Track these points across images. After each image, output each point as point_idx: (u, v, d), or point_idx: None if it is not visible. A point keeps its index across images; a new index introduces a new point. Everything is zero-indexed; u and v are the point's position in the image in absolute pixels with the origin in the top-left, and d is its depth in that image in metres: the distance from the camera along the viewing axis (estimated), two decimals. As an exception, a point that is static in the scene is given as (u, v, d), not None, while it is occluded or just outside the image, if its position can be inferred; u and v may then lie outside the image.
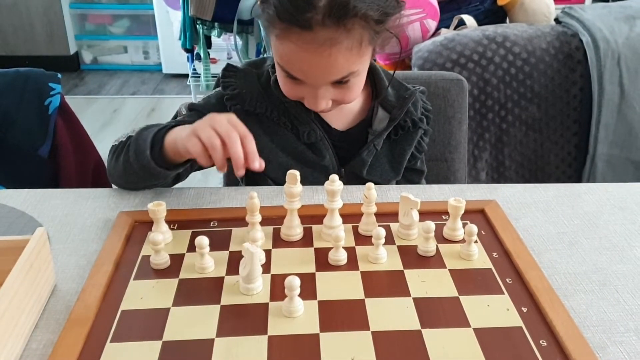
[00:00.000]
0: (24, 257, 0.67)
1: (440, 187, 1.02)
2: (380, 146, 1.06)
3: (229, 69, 1.05)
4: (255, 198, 0.82)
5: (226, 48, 3.62)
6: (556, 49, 1.77)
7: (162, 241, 0.78)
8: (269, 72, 1.03)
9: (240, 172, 0.79)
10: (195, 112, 1.03)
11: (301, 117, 1.01)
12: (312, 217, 0.88)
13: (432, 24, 1.97)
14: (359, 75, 0.93)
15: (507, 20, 2.13)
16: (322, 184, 0.86)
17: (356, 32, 0.86)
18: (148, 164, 0.90)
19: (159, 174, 0.92)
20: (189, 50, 2.97)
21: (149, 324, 0.69)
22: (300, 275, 0.70)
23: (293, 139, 1.02)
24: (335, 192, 0.83)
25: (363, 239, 0.85)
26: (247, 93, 1.01)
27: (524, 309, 0.72)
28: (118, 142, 0.98)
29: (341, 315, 0.70)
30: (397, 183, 1.10)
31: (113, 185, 1.01)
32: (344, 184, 1.06)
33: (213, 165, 0.82)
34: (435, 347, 0.65)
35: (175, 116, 1.09)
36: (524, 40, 1.76)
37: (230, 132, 0.80)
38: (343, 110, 1.04)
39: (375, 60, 1.08)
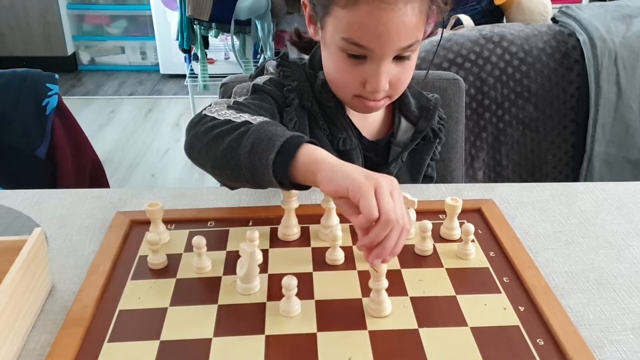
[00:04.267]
0: (22, 257, 0.67)
1: (437, 186, 1.02)
2: (405, 157, 1.06)
3: (285, 58, 1.02)
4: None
5: (223, 48, 3.63)
6: (553, 48, 1.77)
7: (160, 241, 0.78)
8: (307, 73, 1.01)
9: (375, 263, 0.69)
10: (263, 95, 0.97)
11: (340, 123, 1.00)
12: (310, 216, 0.88)
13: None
14: (415, 52, 0.92)
15: (504, 20, 2.13)
16: None
17: None
18: (262, 167, 0.73)
19: (265, 182, 0.75)
20: (187, 51, 2.97)
21: (146, 323, 0.69)
22: (297, 274, 0.70)
23: (327, 144, 1.01)
24: (332, 191, 0.83)
25: (360, 239, 0.85)
26: (303, 87, 1.00)
27: (521, 308, 0.72)
28: (222, 118, 0.81)
29: (338, 315, 0.70)
30: None
31: (111, 185, 1.00)
32: None
33: (366, 229, 0.68)
34: (432, 346, 0.66)
35: (229, 96, 1.05)
36: (520, 40, 1.76)
37: (402, 223, 0.68)
38: (369, 119, 1.04)
39: None
